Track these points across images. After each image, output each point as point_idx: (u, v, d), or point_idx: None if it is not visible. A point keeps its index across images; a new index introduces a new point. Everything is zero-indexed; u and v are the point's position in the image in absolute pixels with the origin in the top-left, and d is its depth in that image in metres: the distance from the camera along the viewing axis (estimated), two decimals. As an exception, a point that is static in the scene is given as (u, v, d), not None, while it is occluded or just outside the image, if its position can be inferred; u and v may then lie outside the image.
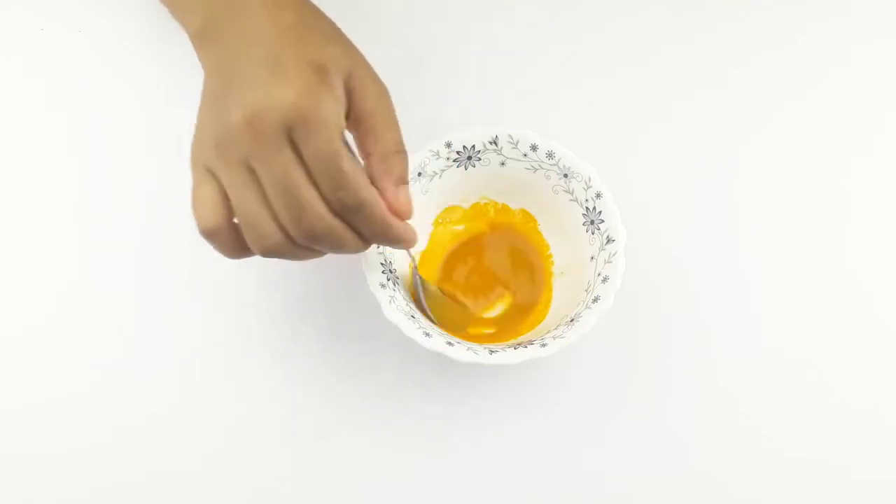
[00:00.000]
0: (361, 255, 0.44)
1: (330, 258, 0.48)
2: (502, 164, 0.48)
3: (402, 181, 0.40)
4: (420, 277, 0.47)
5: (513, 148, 0.48)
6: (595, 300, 0.45)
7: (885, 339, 0.51)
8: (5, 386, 0.48)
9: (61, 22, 0.54)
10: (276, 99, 0.35)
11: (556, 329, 0.45)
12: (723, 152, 0.54)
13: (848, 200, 0.54)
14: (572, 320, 0.45)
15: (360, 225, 0.38)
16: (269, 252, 0.38)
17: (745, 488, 0.49)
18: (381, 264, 0.45)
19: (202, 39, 0.40)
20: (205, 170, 0.37)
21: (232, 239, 0.38)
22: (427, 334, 0.43)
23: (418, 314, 0.45)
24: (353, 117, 0.39)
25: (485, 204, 0.51)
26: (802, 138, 0.55)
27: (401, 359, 0.49)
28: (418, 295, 0.47)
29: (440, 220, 0.50)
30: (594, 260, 0.47)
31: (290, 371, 0.49)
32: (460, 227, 0.51)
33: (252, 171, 0.36)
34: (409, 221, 0.40)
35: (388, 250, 0.46)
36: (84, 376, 0.48)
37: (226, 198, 0.37)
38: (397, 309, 0.43)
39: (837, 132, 0.55)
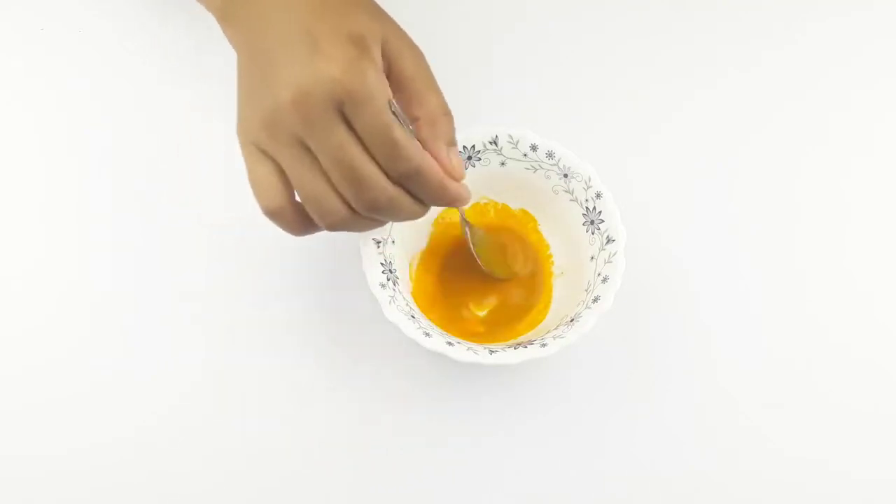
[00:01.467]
0: (361, 254, 0.44)
1: (326, 252, 0.48)
2: (502, 164, 0.48)
3: (451, 143, 0.40)
4: (468, 222, 0.47)
5: (513, 148, 0.48)
6: (595, 300, 0.45)
7: (885, 340, 0.51)
8: (5, 386, 0.48)
9: (61, 22, 0.54)
10: (321, 76, 0.35)
11: (555, 329, 0.45)
12: (723, 152, 0.54)
13: (848, 201, 0.54)
14: (572, 320, 0.45)
15: (418, 190, 0.38)
16: (334, 226, 0.38)
17: (745, 488, 0.49)
18: (381, 264, 0.45)
19: (228, 18, 0.40)
20: (257, 150, 0.37)
21: (296, 217, 0.38)
22: (427, 334, 0.43)
23: (418, 313, 0.45)
24: (393, 83, 0.39)
25: (485, 204, 0.51)
26: (803, 138, 0.55)
27: (400, 358, 0.49)
28: (467, 238, 0.48)
29: (440, 220, 0.50)
30: (594, 260, 0.47)
31: (290, 371, 0.49)
32: (459, 228, 0.51)
33: (307, 149, 0.36)
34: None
35: (388, 250, 0.46)
36: (84, 376, 0.48)
37: (283, 177, 0.37)
38: (397, 309, 0.43)
39: (838, 133, 0.55)
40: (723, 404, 0.50)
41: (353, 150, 0.36)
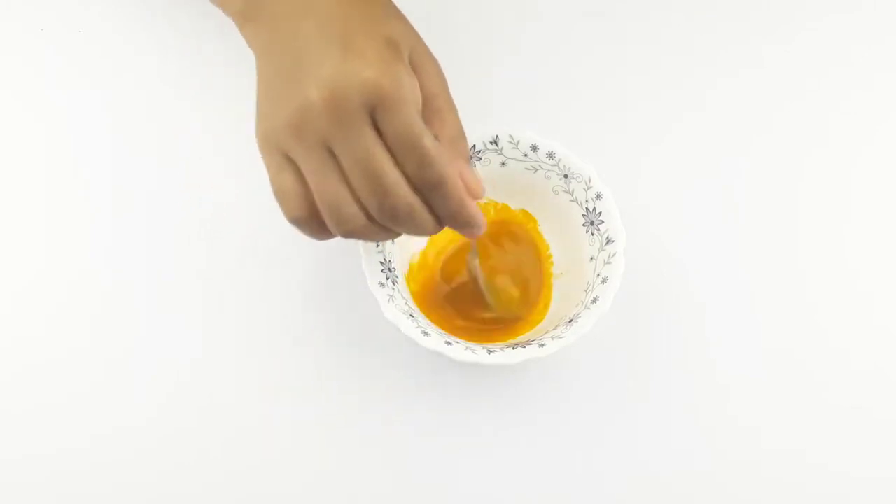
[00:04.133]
0: (361, 254, 0.44)
1: (326, 251, 0.48)
2: (503, 164, 0.48)
3: (471, 163, 0.40)
4: (478, 256, 0.47)
5: (513, 148, 0.48)
6: (594, 301, 0.45)
7: (885, 341, 0.51)
8: (6, 386, 0.48)
9: (61, 22, 0.54)
10: (356, 76, 0.34)
11: (554, 329, 0.45)
12: (724, 154, 0.54)
13: (849, 204, 0.54)
14: (571, 321, 0.45)
15: (440, 202, 0.37)
16: (350, 234, 0.37)
17: (745, 488, 0.48)
18: (381, 263, 0.45)
19: (251, 18, 0.39)
20: (280, 155, 0.36)
21: (320, 224, 0.37)
22: (426, 333, 0.43)
23: (417, 312, 0.45)
24: None
25: (485, 204, 0.50)
26: (805, 140, 0.55)
27: (399, 358, 0.49)
28: (475, 271, 0.47)
29: (440, 220, 0.50)
30: (594, 261, 0.47)
31: (290, 370, 0.49)
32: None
33: (331, 153, 0.35)
34: None
35: (387, 249, 0.46)
36: (84, 376, 0.48)
37: (307, 184, 0.36)
38: (396, 308, 0.43)
39: (841, 137, 0.55)
40: (723, 404, 0.50)
41: (381, 154, 0.35)
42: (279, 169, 0.37)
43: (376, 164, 0.35)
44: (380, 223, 0.37)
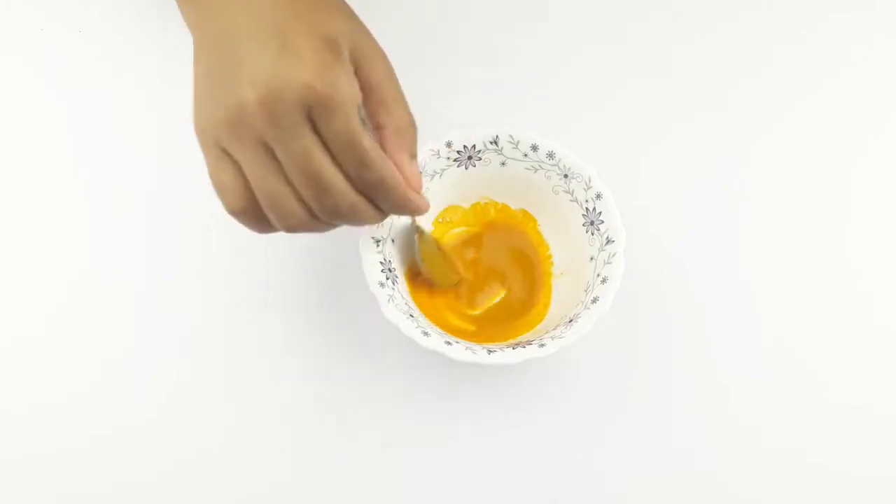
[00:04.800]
0: (361, 254, 0.44)
1: (326, 251, 0.48)
2: (503, 164, 0.48)
3: (414, 155, 0.40)
4: (418, 225, 0.47)
5: (513, 148, 0.48)
6: (594, 301, 0.45)
7: (885, 341, 0.51)
8: (6, 386, 0.48)
9: (61, 22, 0.54)
10: (292, 79, 0.34)
11: (554, 329, 0.45)
12: (724, 154, 0.54)
13: (850, 205, 0.54)
14: (571, 321, 0.45)
15: (381, 199, 0.38)
16: (293, 229, 0.38)
17: (745, 488, 0.48)
18: (381, 263, 0.45)
19: None
20: (217, 148, 0.36)
21: (260, 216, 0.37)
22: (426, 333, 0.43)
23: (417, 312, 0.45)
24: (359, 89, 0.38)
25: (485, 204, 0.51)
26: (806, 141, 0.55)
27: (398, 358, 0.49)
28: (413, 241, 0.47)
29: (440, 220, 0.50)
30: (594, 261, 0.47)
31: (289, 370, 0.49)
32: (460, 227, 0.51)
33: (269, 150, 0.35)
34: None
35: (387, 249, 0.46)
36: (84, 376, 0.48)
37: (247, 178, 0.36)
38: (396, 308, 0.43)
39: (841, 137, 0.55)
40: (723, 404, 0.50)
41: (319, 156, 0.35)
42: (217, 162, 0.36)
43: (315, 166, 0.35)
44: (323, 220, 0.37)
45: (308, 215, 0.37)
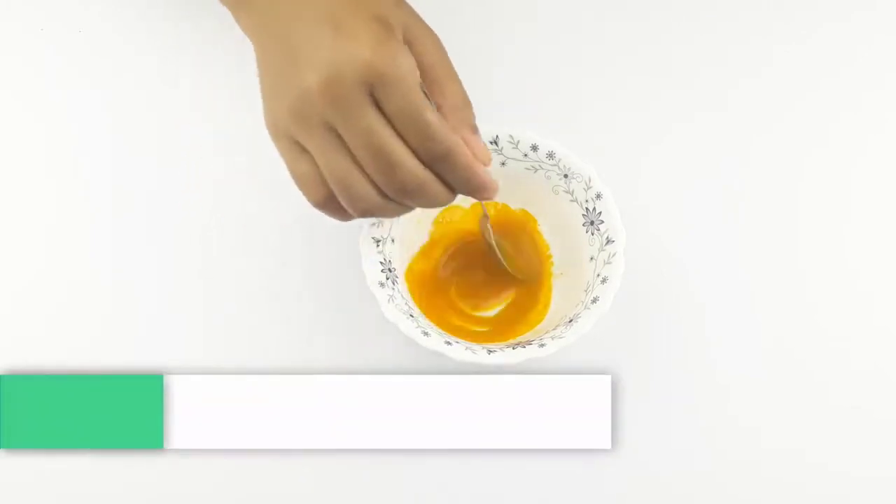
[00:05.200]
0: (361, 254, 0.44)
1: (326, 251, 0.48)
2: (503, 163, 0.48)
3: (475, 130, 0.40)
4: (488, 217, 0.47)
5: (513, 148, 0.48)
6: (594, 301, 0.45)
7: (885, 341, 0.51)
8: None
9: (61, 22, 0.54)
10: (351, 58, 0.34)
11: (554, 329, 0.45)
12: (724, 154, 0.54)
13: (850, 205, 0.53)
14: (571, 321, 0.45)
15: (448, 173, 0.37)
16: (365, 212, 0.38)
17: (745, 488, 0.49)
18: (381, 262, 0.45)
19: (242, 4, 0.39)
20: (291, 143, 0.37)
21: (340, 205, 0.38)
22: (426, 333, 0.43)
23: (417, 312, 0.45)
24: None
25: (485, 203, 0.50)
26: (806, 141, 0.54)
27: (399, 358, 0.49)
28: (488, 233, 0.48)
29: (440, 220, 0.50)
30: (594, 261, 0.47)
31: (289, 370, 0.49)
32: (460, 227, 0.51)
33: (336, 134, 0.35)
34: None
35: (387, 248, 0.46)
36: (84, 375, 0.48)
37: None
38: (396, 308, 0.43)
39: (841, 137, 0.55)
40: (722, 405, 0.50)
41: (384, 132, 0.35)
42: (293, 156, 0.37)
43: (380, 142, 0.35)
44: (393, 199, 0.37)
45: (379, 196, 0.37)
